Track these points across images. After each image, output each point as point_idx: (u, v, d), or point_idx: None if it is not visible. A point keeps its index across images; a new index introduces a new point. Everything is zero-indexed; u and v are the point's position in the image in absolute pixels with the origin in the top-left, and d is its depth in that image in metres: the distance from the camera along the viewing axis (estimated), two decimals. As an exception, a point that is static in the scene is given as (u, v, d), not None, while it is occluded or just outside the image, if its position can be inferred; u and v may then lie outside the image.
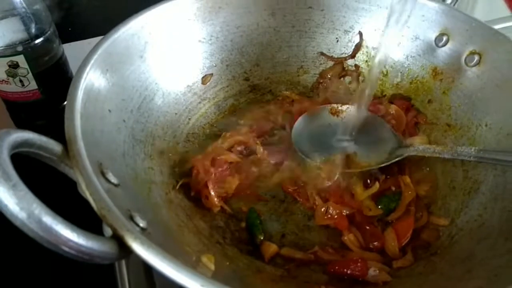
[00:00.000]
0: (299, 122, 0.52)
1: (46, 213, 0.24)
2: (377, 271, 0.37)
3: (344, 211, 0.44)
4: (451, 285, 0.33)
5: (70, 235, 0.24)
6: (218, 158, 0.46)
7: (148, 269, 0.40)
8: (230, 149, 0.48)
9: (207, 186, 0.44)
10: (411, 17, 0.53)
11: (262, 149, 0.49)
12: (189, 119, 0.52)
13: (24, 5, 0.45)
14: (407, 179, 0.47)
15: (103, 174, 0.32)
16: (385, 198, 0.46)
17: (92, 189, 0.29)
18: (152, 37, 0.48)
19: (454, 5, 0.65)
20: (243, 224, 0.44)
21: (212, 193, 0.44)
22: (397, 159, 0.47)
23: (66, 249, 0.24)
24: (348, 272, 0.37)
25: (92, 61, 0.39)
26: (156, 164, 0.44)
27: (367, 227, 0.43)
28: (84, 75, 0.37)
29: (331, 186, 0.46)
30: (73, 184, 0.31)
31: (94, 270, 0.41)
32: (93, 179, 0.30)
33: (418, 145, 0.48)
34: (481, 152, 0.43)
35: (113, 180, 0.33)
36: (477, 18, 0.50)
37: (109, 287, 0.41)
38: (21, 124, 0.53)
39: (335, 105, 0.54)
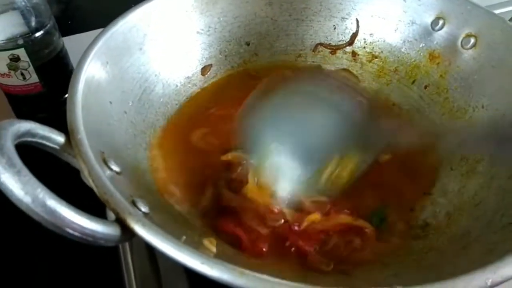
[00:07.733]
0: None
1: (50, 197, 0.24)
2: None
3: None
4: (447, 261, 0.34)
5: (74, 218, 0.25)
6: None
7: (152, 253, 0.41)
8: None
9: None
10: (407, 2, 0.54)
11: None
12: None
13: (24, -2, 0.45)
14: None
15: (105, 162, 0.33)
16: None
17: (94, 176, 0.30)
18: (151, 29, 0.48)
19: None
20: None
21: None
22: None
23: (71, 231, 0.25)
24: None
25: (92, 54, 0.40)
26: (158, 153, 0.45)
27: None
28: (85, 68, 0.38)
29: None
30: (76, 179, 0.32)
31: (98, 255, 0.42)
32: (95, 166, 0.31)
33: None
34: None
35: (115, 168, 0.34)
36: (472, 1, 0.50)
37: (113, 271, 0.42)
38: (23, 117, 0.53)
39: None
